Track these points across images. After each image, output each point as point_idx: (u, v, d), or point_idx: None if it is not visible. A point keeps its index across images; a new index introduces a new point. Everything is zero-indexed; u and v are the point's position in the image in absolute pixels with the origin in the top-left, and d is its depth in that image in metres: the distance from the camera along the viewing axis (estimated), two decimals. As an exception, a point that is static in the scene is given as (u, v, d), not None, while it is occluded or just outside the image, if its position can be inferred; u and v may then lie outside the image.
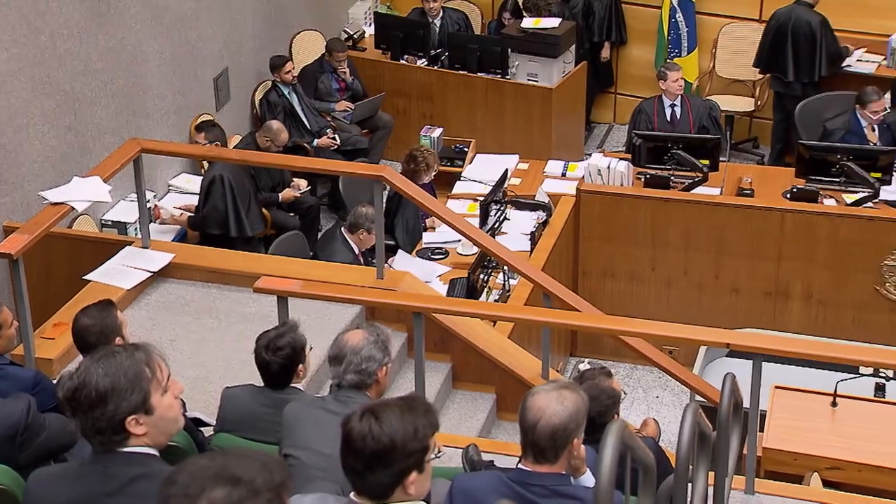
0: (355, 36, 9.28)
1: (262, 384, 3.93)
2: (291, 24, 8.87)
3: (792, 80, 8.37)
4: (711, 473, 3.60)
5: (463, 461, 4.12)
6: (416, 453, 2.44)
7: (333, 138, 8.26)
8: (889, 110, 7.37)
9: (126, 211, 6.88)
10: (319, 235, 7.39)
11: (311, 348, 4.00)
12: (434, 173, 7.13)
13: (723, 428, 3.49)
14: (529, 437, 2.92)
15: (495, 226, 6.87)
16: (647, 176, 7.14)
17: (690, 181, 7.09)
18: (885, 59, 8.45)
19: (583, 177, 7.31)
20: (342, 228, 6.46)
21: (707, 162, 7.06)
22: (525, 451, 2.96)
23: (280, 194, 7.50)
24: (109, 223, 6.88)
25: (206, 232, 6.89)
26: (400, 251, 6.85)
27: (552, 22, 8.47)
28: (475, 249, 6.34)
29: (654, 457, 3.47)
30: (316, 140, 8.22)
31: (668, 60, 8.70)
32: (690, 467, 3.25)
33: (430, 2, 9.03)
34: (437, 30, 9.05)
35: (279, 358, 3.84)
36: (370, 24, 9.42)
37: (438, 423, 2.54)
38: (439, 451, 2.55)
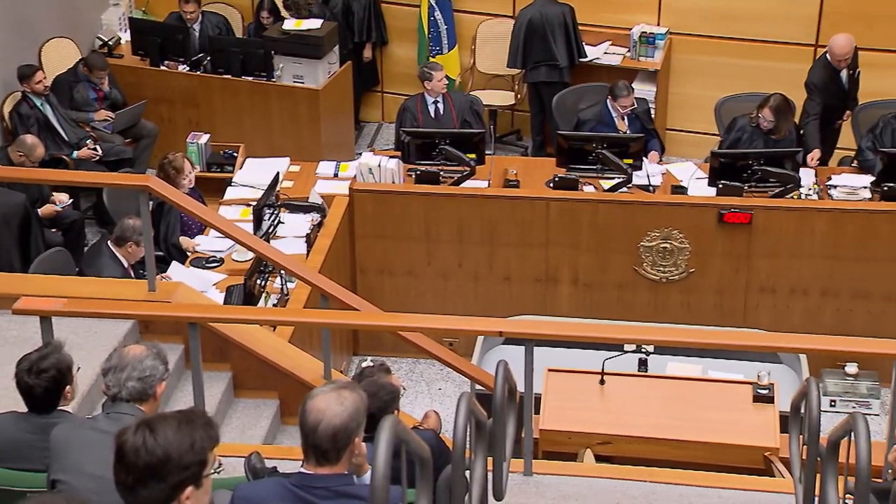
0: (111, 42, 8.94)
1: (26, 410, 3.75)
2: (39, 32, 8.45)
3: (559, 65, 8.65)
4: (490, 459, 3.72)
5: (246, 470, 4.07)
6: (192, 466, 2.40)
7: (94, 149, 7.94)
8: (636, 104, 7.81)
9: None
10: (85, 251, 7.10)
11: (78, 368, 3.84)
12: (190, 175, 6.94)
13: (498, 414, 3.60)
14: (311, 439, 2.91)
15: (270, 230, 6.81)
16: (418, 172, 7.26)
17: (459, 175, 7.27)
18: (628, 50, 8.95)
19: (355, 176, 7.36)
20: (109, 242, 6.23)
21: (474, 156, 7.26)
22: (307, 455, 2.95)
23: (39, 210, 7.16)
24: None
25: None
26: (174, 262, 6.67)
27: (314, 23, 8.46)
28: (250, 255, 6.27)
29: (436, 448, 3.55)
30: (76, 152, 7.88)
31: (430, 58, 8.88)
32: (469, 455, 3.35)
33: (187, 9, 8.82)
34: (198, 34, 8.86)
35: (43, 381, 3.67)
36: (125, 30, 9.11)
37: (219, 437, 2.50)
38: (219, 466, 2.51)
